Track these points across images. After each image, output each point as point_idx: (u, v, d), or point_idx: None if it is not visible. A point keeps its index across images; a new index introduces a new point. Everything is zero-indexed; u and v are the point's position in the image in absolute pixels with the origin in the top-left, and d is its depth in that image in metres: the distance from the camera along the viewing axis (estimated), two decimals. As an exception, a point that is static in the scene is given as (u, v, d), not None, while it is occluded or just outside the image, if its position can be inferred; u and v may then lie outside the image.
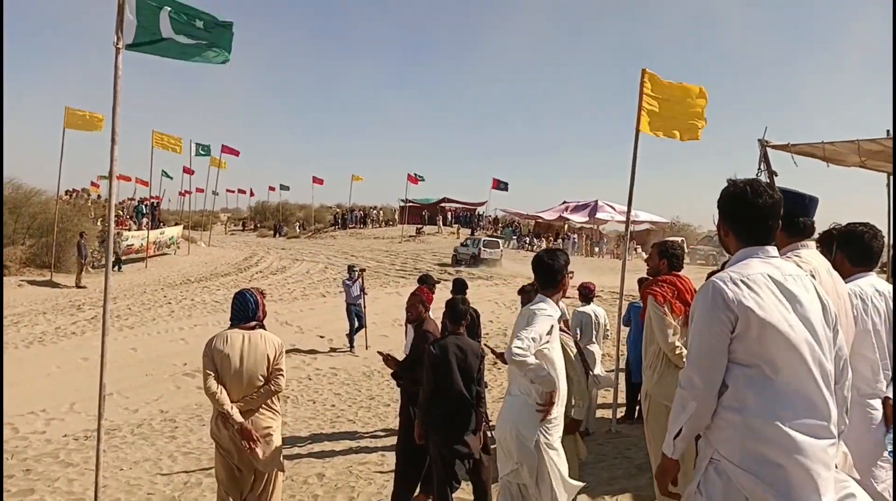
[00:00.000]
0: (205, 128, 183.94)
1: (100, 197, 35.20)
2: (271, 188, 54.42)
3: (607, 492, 5.12)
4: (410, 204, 46.12)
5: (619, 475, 5.62)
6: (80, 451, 7.39)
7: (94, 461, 4.84)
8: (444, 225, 45.01)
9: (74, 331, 13.72)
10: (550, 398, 3.60)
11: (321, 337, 14.10)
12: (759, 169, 6.68)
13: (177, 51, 4.88)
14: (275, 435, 4.17)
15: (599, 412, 7.78)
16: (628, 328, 8.05)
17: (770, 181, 6.56)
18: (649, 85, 7.35)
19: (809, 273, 2.39)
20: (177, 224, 32.42)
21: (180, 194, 40.96)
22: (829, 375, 2.16)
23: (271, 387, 4.10)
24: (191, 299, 17.93)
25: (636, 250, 34.24)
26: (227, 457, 4.08)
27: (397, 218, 48.85)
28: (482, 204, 48.28)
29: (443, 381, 4.43)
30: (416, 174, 42.60)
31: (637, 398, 7.03)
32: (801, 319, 2.13)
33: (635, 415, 7.42)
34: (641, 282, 5.50)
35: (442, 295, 5.83)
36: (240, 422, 3.95)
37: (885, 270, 7.58)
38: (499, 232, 43.82)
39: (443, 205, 49.54)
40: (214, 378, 3.98)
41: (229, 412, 3.94)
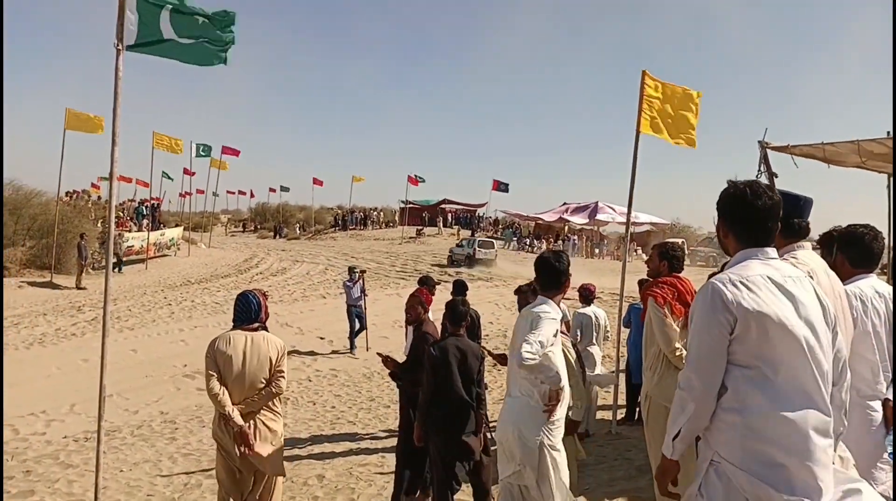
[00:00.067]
0: (205, 128, 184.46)
1: (100, 198, 35.21)
2: (271, 190, 54.52)
3: (607, 494, 5.11)
4: (411, 205, 46.12)
5: (619, 476, 5.62)
6: (80, 452, 7.38)
7: (94, 462, 4.83)
8: (445, 226, 44.99)
9: (74, 332, 13.72)
10: (557, 396, 3.61)
11: (321, 339, 14.10)
12: (759, 170, 6.67)
13: (177, 52, 4.87)
14: (276, 437, 4.17)
15: (599, 414, 7.78)
16: (628, 330, 8.05)
17: (770, 183, 6.57)
18: (649, 86, 7.38)
19: (807, 274, 2.39)
20: (177, 226, 32.42)
21: (181, 195, 40.91)
22: (829, 376, 2.16)
23: (273, 389, 4.10)
24: (191, 301, 17.93)
25: (636, 251, 34.25)
26: (229, 458, 4.08)
27: (397, 219, 48.84)
28: (482, 205, 48.35)
29: (443, 383, 4.43)
30: (416, 176, 42.59)
31: (637, 399, 7.02)
32: (801, 320, 2.13)
33: (635, 417, 7.41)
34: (642, 283, 5.49)
35: (442, 296, 5.83)
36: (239, 425, 3.95)
37: (885, 271, 7.58)
38: (499, 233, 43.82)
39: (443, 206, 49.53)
40: (217, 379, 3.98)
41: (230, 414, 3.94)
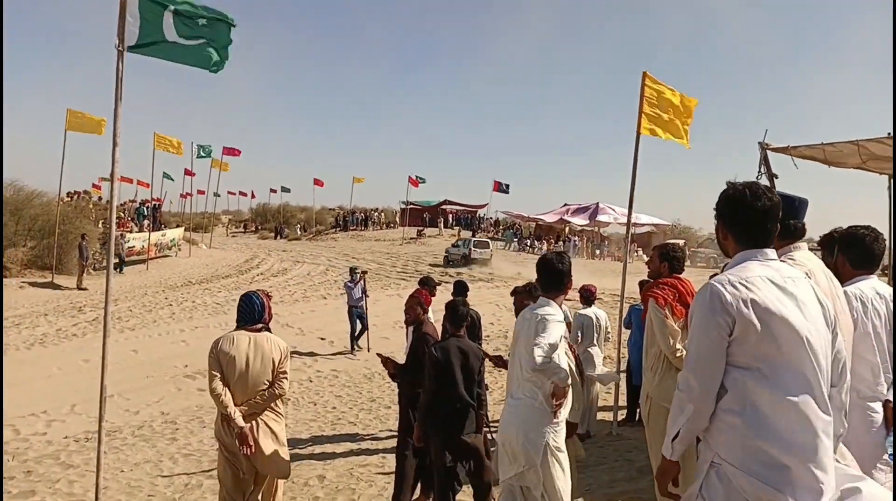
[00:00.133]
0: (206, 129, 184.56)
1: (101, 199, 35.23)
2: (272, 190, 54.62)
3: (608, 495, 5.12)
4: (411, 206, 46.11)
5: (619, 477, 5.62)
6: (80, 453, 7.39)
7: (95, 462, 4.84)
8: (445, 227, 45.00)
9: (75, 333, 13.73)
10: (563, 393, 3.63)
11: (322, 339, 14.10)
12: (760, 172, 6.66)
13: (178, 54, 4.87)
14: (279, 438, 4.16)
15: (600, 415, 7.78)
16: (629, 331, 8.05)
17: (771, 184, 6.56)
18: (650, 88, 7.38)
19: (806, 275, 2.39)
20: (178, 226, 32.48)
21: (181, 195, 41.15)
22: (828, 377, 2.16)
23: (275, 390, 4.10)
24: (192, 301, 17.94)
25: (637, 252, 34.25)
26: (232, 459, 4.07)
27: (398, 220, 48.85)
28: (483, 206, 48.39)
29: (444, 383, 4.44)
30: (416, 176, 42.61)
31: (638, 400, 7.01)
32: (801, 321, 2.12)
33: (636, 418, 7.41)
34: (642, 285, 5.49)
35: (444, 297, 5.83)
36: (241, 427, 3.94)
37: (886, 273, 7.56)
38: (500, 234, 43.82)
39: (444, 207, 49.53)
40: (219, 380, 3.98)
41: (231, 415, 3.93)
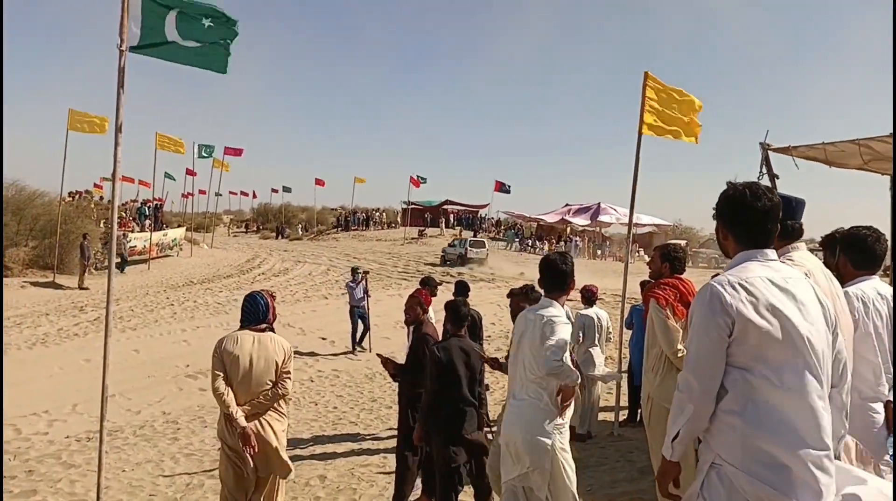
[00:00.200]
0: (208, 129, 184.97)
1: (102, 199, 35.27)
2: (274, 190, 54.65)
3: (609, 495, 5.12)
4: (413, 206, 46.13)
5: (621, 478, 5.61)
6: (82, 452, 7.40)
7: (97, 462, 4.84)
8: (447, 227, 45.00)
9: (77, 332, 13.74)
10: (573, 393, 3.64)
11: (323, 339, 14.10)
12: (761, 172, 6.66)
13: (180, 55, 4.86)
14: (281, 438, 4.16)
15: (602, 416, 7.77)
16: (631, 331, 8.04)
17: (772, 185, 6.56)
18: (651, 87, 7.37)
19: (805, 275, 2.39)
20: (179, 226, 32.49)
21: (183, 195, 41.22)
22: (829, 377, 2.16)
23: (278, 390, 4.10)
24: (193, 301, 17.95)
25: (639, 252, 34.24)
26: (235, 458, 4.07)
27: (400, 220, 48.87)
28: (485, 206, 48.40)
29: (447, 383, 4.44)
30: (418, 176, 42.61)
31: (639, 401, 7.01)
32: (801, 322, 2.12)
33: (637, 418, 7.40)
34: (644, 285, 5.49)
35: (445, 298, 5.82)
36: (243, 427, 3.94)
37: (888, 273, 7.55)
38: (501, 235, 43.82)
39: (445, 207, 49.55)
40: (223, 379, 3.98)
41: (234, 415, 3.93)
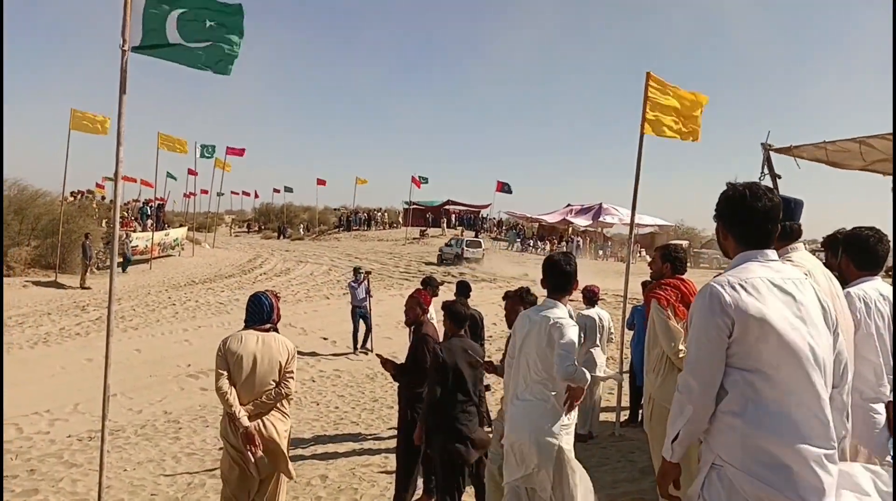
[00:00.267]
0: (208, 128, 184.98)
1: (104, 198, 35.31)
2: (275, 190, 54.63)
3: (610, 496, 5.11)
4: (414, 206, 46.12)
5: (622, 478, 5.61)
6: (83, 451, 7.41)
7: (98, 461, 4.84)
8: (448, 227, 44.99)
9: (79, 332, 13.77)
10: (582, 392, 3.66)
11: (324, 339, 14.11)
12: (763, 173, 6.65)
13: (182, 56, 4.85)
14: (284, 439, 4.16)
15: (603, 416, 7.76)
16: (632, 332, 8.04)
17: (774, 185, 6.55)
18: (654, 88, 7.37)
19: (805, 275, 2.39)
20: (181, 226, 32.49)
21: (185, 195, 41.17)
22: (829, 378, 2.16)
23: (281, 390, 4.10)
24: (195, 301, 17.97)
25: (640, 253, 34.21)
26: (238, 457, 4.07)
27: (401, 220, 48.87)
28: (486, 206, 48.36)
29: (448, 383, 4.44)
30: (419, 177, 42.61)
31: (640, 401, 7.01)
32: (801, 322, 2.12)
33: (639, 419, 7.40)
34: (645, 285, 5.49)
35: (446, 297, 5.82)
36: (245, 426, 3.95)
37: (890, 274, 7.54)
38: (503, 235, 43.81)
39: (447, 207, 49.54)
40: (226, 378, 3.98)
41: (236, 415, 3.93)
